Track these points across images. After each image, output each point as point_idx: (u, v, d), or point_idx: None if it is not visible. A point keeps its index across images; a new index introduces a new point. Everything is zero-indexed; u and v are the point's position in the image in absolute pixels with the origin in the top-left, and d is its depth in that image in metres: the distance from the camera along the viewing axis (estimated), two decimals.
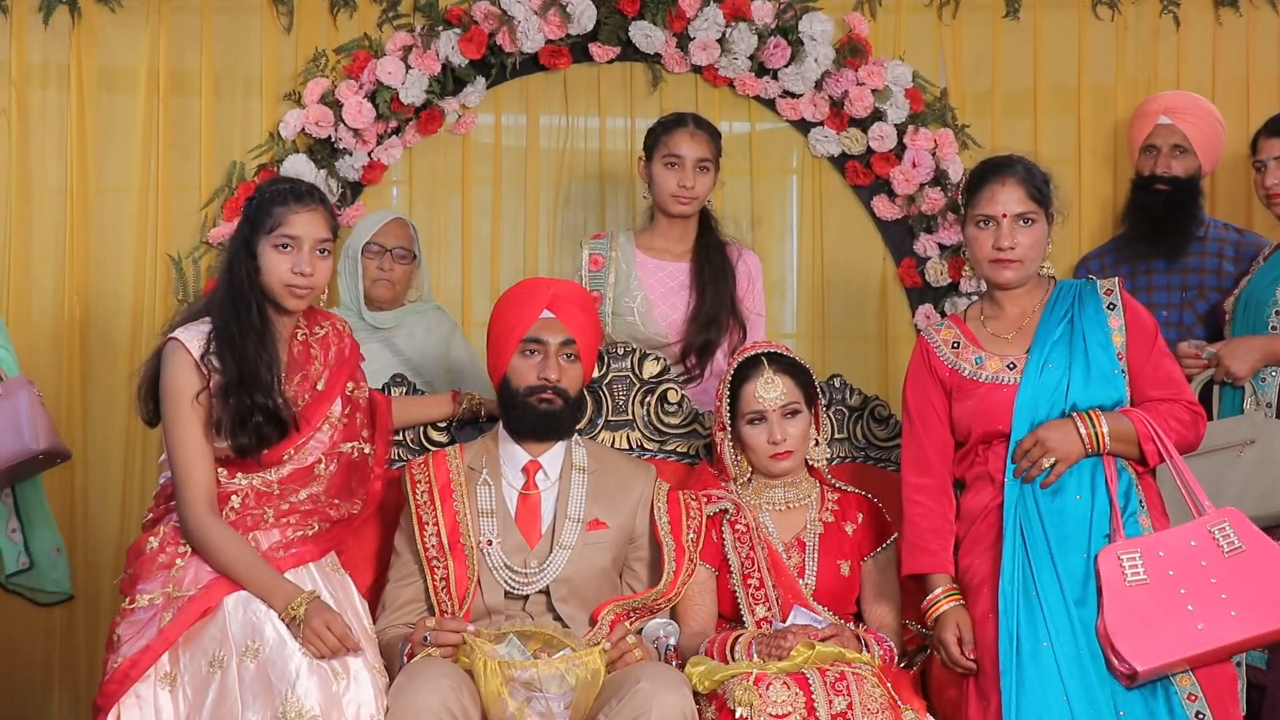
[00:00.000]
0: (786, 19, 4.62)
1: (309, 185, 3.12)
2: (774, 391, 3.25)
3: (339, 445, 3.16)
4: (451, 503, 3.18)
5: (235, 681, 2.84)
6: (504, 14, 4.52)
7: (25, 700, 4.46)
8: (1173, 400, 3.15)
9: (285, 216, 3.05)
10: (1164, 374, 3.18)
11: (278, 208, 3.05)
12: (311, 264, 3.05)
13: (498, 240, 4.74)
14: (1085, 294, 3.24)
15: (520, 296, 3.28)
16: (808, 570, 3.25)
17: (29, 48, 4.54)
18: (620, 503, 3.23)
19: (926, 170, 4.68)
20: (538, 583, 3.13)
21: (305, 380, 3.13)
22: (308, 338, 3.18)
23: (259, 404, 3.00)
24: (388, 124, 4.57)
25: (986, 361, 3.21)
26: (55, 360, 4.51)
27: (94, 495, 4.50)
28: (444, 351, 4.04)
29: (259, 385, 3.00)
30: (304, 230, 3.05)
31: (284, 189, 3.09)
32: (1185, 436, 3.15)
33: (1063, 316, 3.22)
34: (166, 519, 3.09)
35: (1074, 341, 3.20)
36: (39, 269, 4.54)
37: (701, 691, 2.93)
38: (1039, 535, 3.07)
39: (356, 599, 3.13)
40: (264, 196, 3.10)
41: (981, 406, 3.17)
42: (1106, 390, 3.15)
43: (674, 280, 3.92)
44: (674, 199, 3.88)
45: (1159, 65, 4.83)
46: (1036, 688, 2.94)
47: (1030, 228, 3.18)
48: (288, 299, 3.07)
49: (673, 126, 3.92)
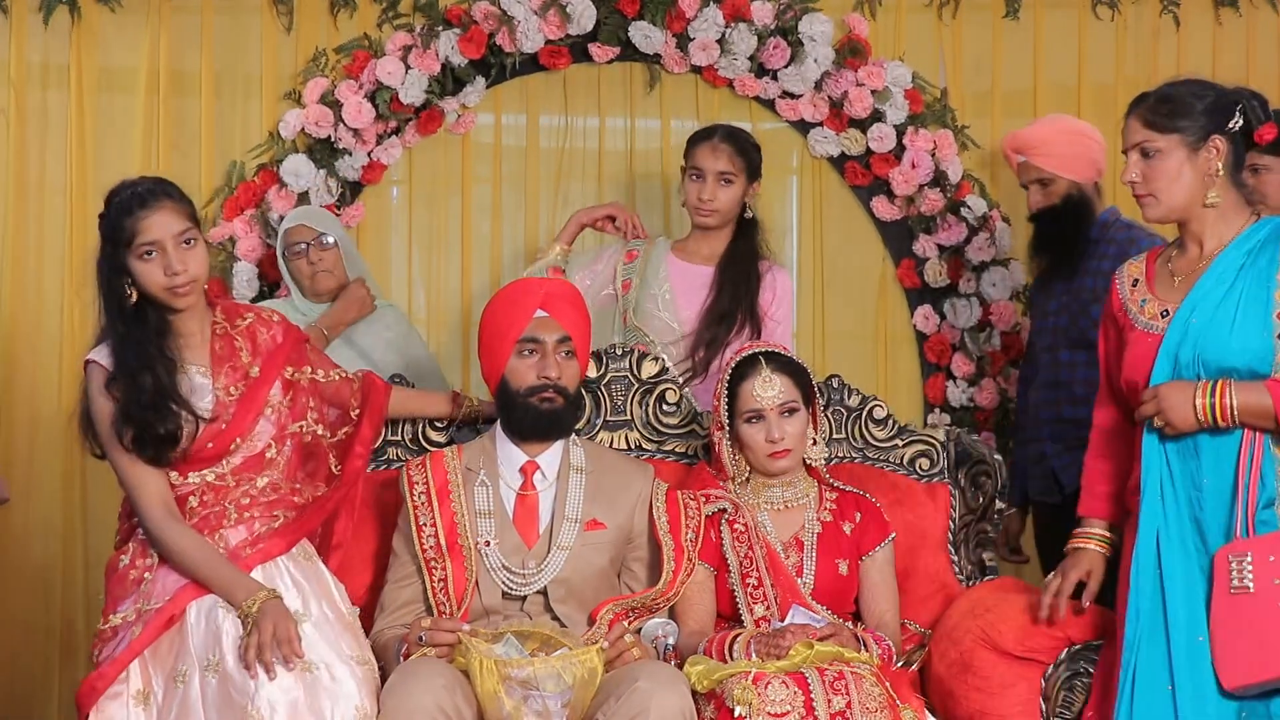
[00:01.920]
0: (786, 19, 4.62)
1: (150, 183, 3.06)
2: (772, 390, 3.26)
3: (287, 428, 3.14)
4: (449, 503, 3.17)
5: (198, 696, 2.82)
6: (504, 14, 4.52)
7: (26, 700, 4.47)
8: None
9: (137, 225, 2.98)
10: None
11: (127, 219, 2.99)
12: (181, 260, 2.99)
13: (498, 240, 4.74)
14: (1269, 242, 2.87)
15: (512, 298, 3.27)
16: (806, 569, 3.25)
17: (29, 48, 4.53)
18: (618, 503, 3.23)
19: (926, 171, 4.68)
20: (535, 583, 3.13)
21: (234, 371, 3.09)
22: (228, 331, 3.14)
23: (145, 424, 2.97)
24: (387, 124, 4.57)
25: (1147, 306, 2.96)
26: (55, 360, 4.51)
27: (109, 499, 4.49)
28: (405, 349, 4.05)
29: (143, 407, 2.97)
30: (160, 232, 2.98)
31: (126, 196, 3.02)
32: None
33: (1237, 264, 2.87)
34: (135, 534, 3.08)
35: (1231, 293, 2.85)
36: (39, 269, 4.54)
37: (700, 691, 2.92)
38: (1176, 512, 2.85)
39: (332, 585, 3.08)
40: (111, 212, 3.04)
41: (1131, 354, 2.94)
42: (1245, 355, 2.81)
43: (699, 279, 3.94)
44: (696, 210, 3.93)
45: (1159, 65, 4.83)
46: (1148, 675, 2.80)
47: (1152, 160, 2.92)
48: (175, 300, 3.02)
49: (699, 139, 3.95)
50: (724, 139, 3.92)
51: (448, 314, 4.71)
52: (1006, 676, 3.08)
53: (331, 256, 4.08)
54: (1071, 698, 3.06)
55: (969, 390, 4.74)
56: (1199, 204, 2.92)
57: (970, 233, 4.71)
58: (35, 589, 4.51)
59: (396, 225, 4.73)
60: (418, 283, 4.73)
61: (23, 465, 4.49)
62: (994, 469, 3.54)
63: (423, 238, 4.71)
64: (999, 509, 3.57)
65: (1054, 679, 3.07)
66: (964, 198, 4.71)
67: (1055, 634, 3.08)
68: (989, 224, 4.71)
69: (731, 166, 3.89)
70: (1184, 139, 2.89)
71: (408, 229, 4.72)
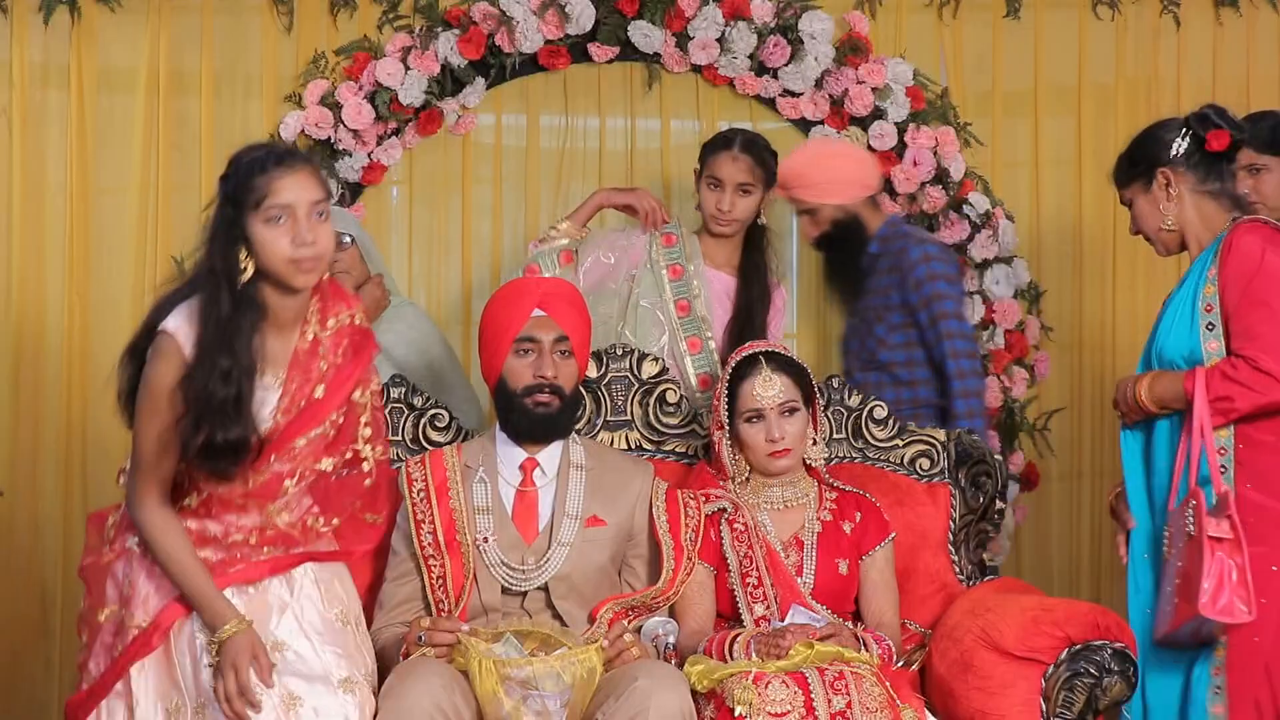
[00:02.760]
0: (786, 18, 4.62)
1: (288, 145, 2.82)
2: (772, 389, 3.25)
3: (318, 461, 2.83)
4: (448, 500, 3.17)
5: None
6: (503, 14, 4.52)
7: (26, 700, 4.47)
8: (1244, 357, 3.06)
9: (270, 185, 2.65)
10: (1241, 326, 3.09)
11: (259, 178, 2.65)
12: (312, 230, 2.66)
13: (498, 240, 4.74)
14: (1212, 249, 3.18)
15: (510, 297, 3.26)
16: (806, 569, 3.25)
17: (29, 48, 4.53)
18: (618, 500, 3.23)
19: (927, 168, 4.67)
20: (536, 579, 3.13)
21: (305, 385, 2.78)
22: (318, 334, 2.80)
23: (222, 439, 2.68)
24: (387, 125, 4.57)
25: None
26: (55, 360, 4.51)
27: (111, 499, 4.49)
28: (426, 348, 4.03)
29: (223, 418, 2.67)
30: (294, 195, 2.65)
31: (260, 154, 2.70)
32: (1231, 398, 3.05)
33: (1197, 270, 3.20)
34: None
35: (1182, 295, 3.20)
36: (39, 269, 4.54)
37: (700, 690, 2.92)
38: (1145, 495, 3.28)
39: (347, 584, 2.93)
40: (239, 170, 2.69)
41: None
42: (1178, 343, 3.17)
43: (719, 285, 3.93)
44: (713, 220, 3.90)
45: (1159, 65, 4.84)
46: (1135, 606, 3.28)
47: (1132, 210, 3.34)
48: (296, 277, 2.68)
49: (719, 147, 3.90)
50: (744, 149, 3.87)
51: (448, 314, 4.71)
52: (1006, 676, 3.08)
53: (349, 256, 4.03)
54: (1072, 698, 3.06)
55: None
56: (1163, 229, 3.27)
57: (973, 230, 4.71)
58: (34, 589, 4.50)
59: (396, 226, 4.73)
60: (418, 283, 4.72)
61: (25, 465, 4.49)
62: (994, 469, 3.55)
63: (423, 238, 4.71)
64: (999, 509, 3.57)
65: (1054, 679, 3.07)
66: (967, 195, 4.71)
67: (1055, 634, 3.07)
68: (991, 221, 4.71)
69: (751, 177, 3.87)
70: (1139, 185, 3.28)
71: (408, 229, 4.72)
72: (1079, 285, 4.85)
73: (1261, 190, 3.80)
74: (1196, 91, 4.73)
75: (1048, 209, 4.85)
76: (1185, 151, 3.22)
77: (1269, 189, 3.80)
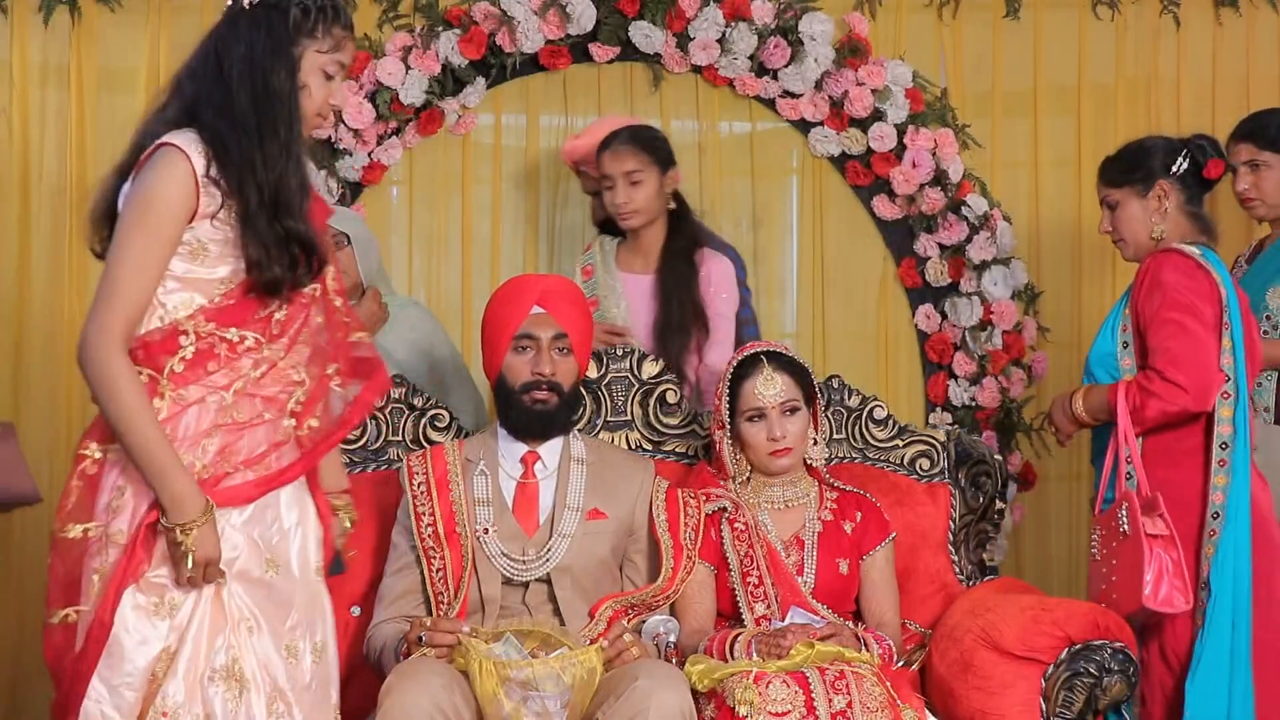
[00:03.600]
0: (786, 19, 4.62)
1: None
2: (773, 389, 3.26)
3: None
4: (448, 493, 3.18)
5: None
6: (504, 14, 4.52)
7: (25, 700, 4.47)
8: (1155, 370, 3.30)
9: (345, 43, 2.56)
10: (1154, 342, 3.31)
11: (338, 29, 2.54)
12: (341, 95, 2.62)
13: (498, 240, 4.74)
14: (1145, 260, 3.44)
15: (510, 294, 3.27)
16: (806, 568, 3.25)
17: (29, 48, 4.54)
18: (619, 494, 3.23)
19: (927, 170, 4.67)
20: (538, 570, 3.13)
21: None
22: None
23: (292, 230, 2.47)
24: (388, 124, 4.57)
25: None
26: (55, 360, 4.51)
27: None
28: (429, 348, 4.03)
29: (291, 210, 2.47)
30: (350, 58, 2.60)
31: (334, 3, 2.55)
32: (1144, 408, 3.30)
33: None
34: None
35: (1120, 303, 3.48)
36: (39, 269, 4.54)
37: (700, 690, 2.93)
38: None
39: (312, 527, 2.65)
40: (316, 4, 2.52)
41: None
42: (1099, 357, 3.45)
43: (642, 289, 3.90)
44: (620, 219, 3.88)
45: (1159, 65, 4.84)
46: None
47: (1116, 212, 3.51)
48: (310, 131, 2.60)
49: (600, 149, 3.89)
50: (623, 142, 3.87)
51: (448, 314, 4.70)
52: (1006, 676, 3.08)
53: (344, 257, 4.04)
54: (1072, 698, 3.06)
55: (970, 389, 4.74)
56: (1150, 239, 3.45)
57: (971, 231, 4.71)
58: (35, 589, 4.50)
59: (396, 225, 4.73)
60: (418, 283, 4.72)
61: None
62: (994, 469, 3.55)
63: (423, 238, 4.71)
64: (999, 509, 3.57)
65: (1054, 679, 3.07)
66: (965, 197, 4.71)
67: (1055, 634, 3.08)
68: (990, 223, 4.71)
69: (635, 163, 3.84)
70: (1135, 189, 3.45)
71: (408, 229, 4.72)
72: (1078, 285, 4.85)
73: (1261, 186, 3.81)
74: (1196, 91, 4.74)
75: (1047, 209, 4.85)
76: (1183, 171, 3.44)
77: (1269, 185, 3.82)
